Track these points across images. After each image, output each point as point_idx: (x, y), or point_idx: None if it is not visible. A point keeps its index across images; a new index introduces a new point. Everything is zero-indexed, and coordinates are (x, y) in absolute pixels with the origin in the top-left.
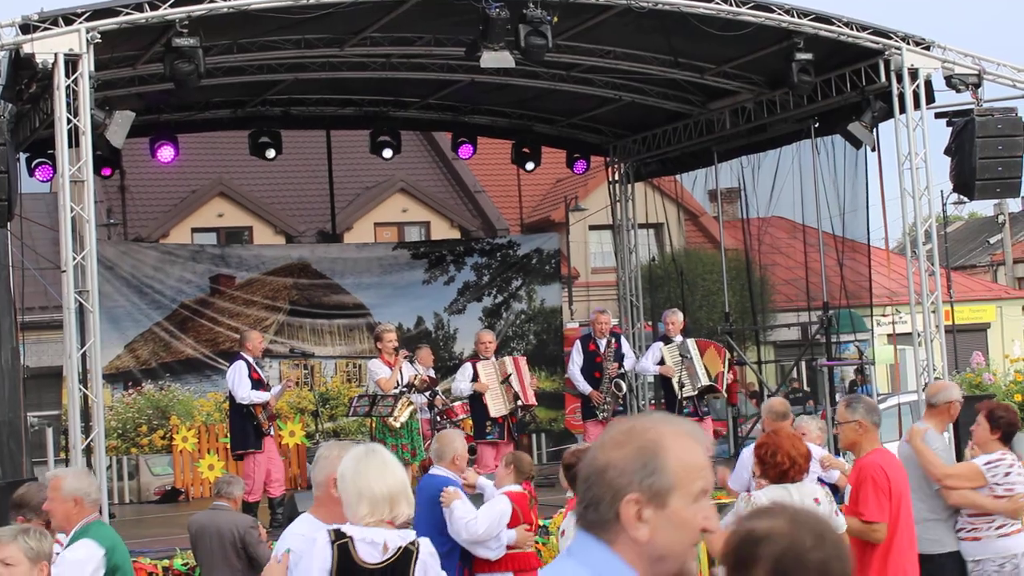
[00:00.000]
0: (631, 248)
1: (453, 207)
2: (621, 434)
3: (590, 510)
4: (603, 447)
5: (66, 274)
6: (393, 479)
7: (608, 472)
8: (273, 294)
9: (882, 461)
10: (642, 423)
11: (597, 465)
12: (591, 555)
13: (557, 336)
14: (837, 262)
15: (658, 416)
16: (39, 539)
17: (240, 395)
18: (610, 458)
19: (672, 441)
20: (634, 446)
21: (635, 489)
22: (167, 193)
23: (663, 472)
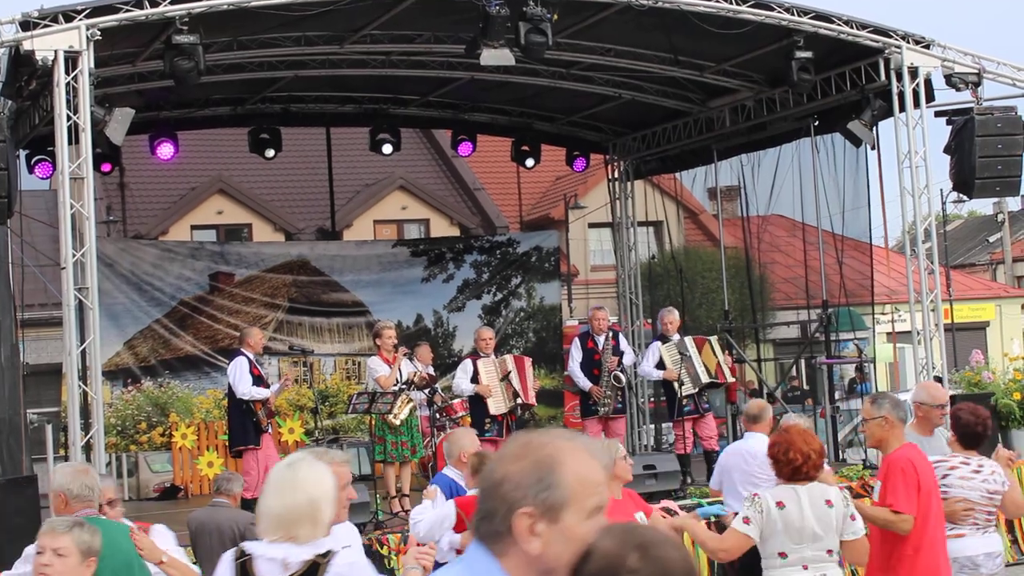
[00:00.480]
0: (630, 246)
1: (453, 205)
2: (519, 447)
3: (484, 522)
4: (501, 460)
5: (66, 271)
6: (295, 499)
7: (504, 485)
8: (272, 291)
9: (911, 456)
10: (540, 438)
11: (494, 478)
12: (476, 565)
13: (556, 334)
14: (836, 260)
15: (557, 431)
16: (92, 534)
17: (241, 391)
18: (507, 471)
19: (569, 456)
20: (531, 460)
21: (529, 503)
22: (166, 190)
23: (558, 487)
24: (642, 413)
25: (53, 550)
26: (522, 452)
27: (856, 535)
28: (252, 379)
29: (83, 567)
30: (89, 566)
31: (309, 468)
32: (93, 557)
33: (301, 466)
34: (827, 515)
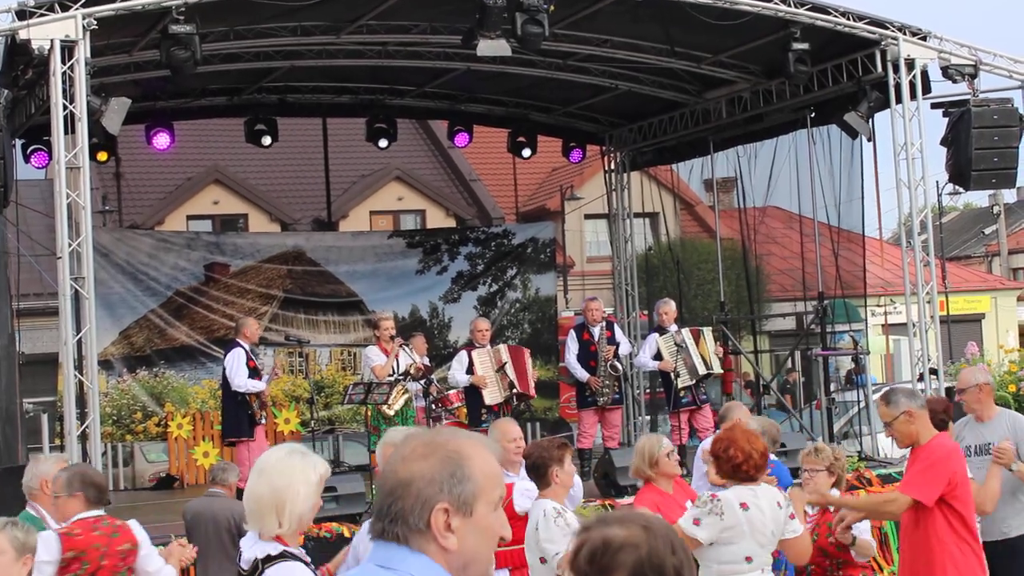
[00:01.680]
0: (627, 237)
1: (449, 196)
2: (422, 446)
3: (397, 523)
4: (404, 460)
5: (62, 260)
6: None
7: (414, 483)
8: (268, 282)
9: (947, 445)
10: (440, 436)
11: (401, 477)
12: (411, 565)
13: (552, 325)
14: (832, 252)
15: (451, 430)
16: (26, 532)
17: (237, 383)
18: (414, 470)
19: (473, 451)
20: (439, 457)
21: (444, 498)
22: (162, 180)
23: (469, 481)
24: (638, 404)
25: None
26: (428, 450)
27: (795, 533)
28: (248, 372)
29: (18, 565)
30: (25, 563)
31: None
32: (29, 554)
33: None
34: (779, 517)
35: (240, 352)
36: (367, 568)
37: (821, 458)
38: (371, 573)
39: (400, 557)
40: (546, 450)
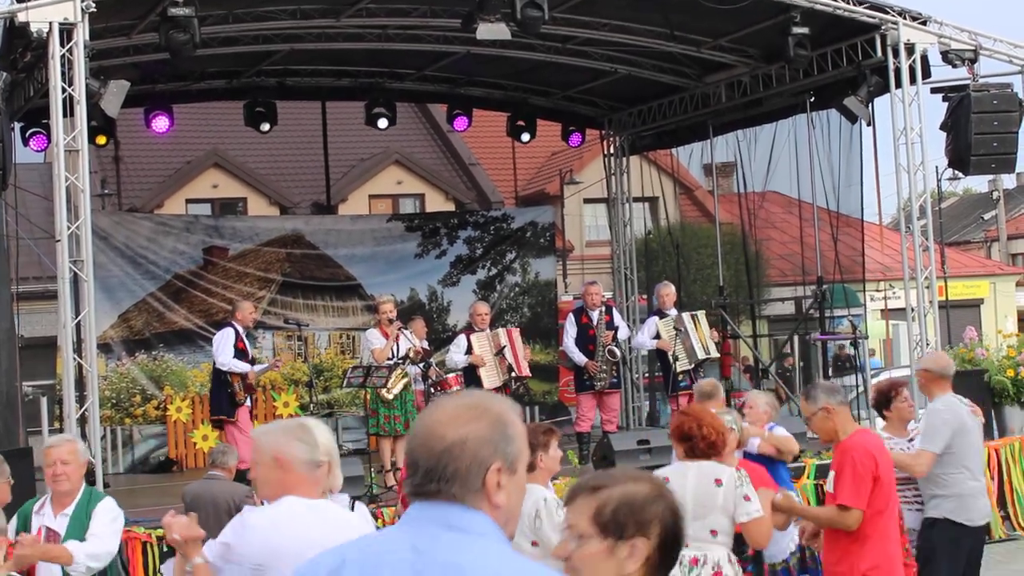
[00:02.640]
0: (626, 221)
1: (448, 179)
2: (469, 409)
3: (454, 483)
4: (452, 423)
5: (61, 243)
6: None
7: (468, 444)
8: (266, 266)
9: (867, 442)
10: (482, 398)
11: (453, 439)
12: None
13: (551, 309)
14: (831, 237)
15: (483, 393)
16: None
17: (220, 360)
18: (467, 432)
19: (512, 414)
20: (488, 419)
21: (498, 458)
22: (161, 164)
23: (514, 441)
24: (636, 388)
25: None
26: (475, 413)
27: (750, 516)
28: (235, 352)
29: None
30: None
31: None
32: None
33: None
34: (711, 494)
35: (230, 331)
36: (428, 529)
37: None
38: (436, 534)
39: (461, 515)
40: (532, 435)
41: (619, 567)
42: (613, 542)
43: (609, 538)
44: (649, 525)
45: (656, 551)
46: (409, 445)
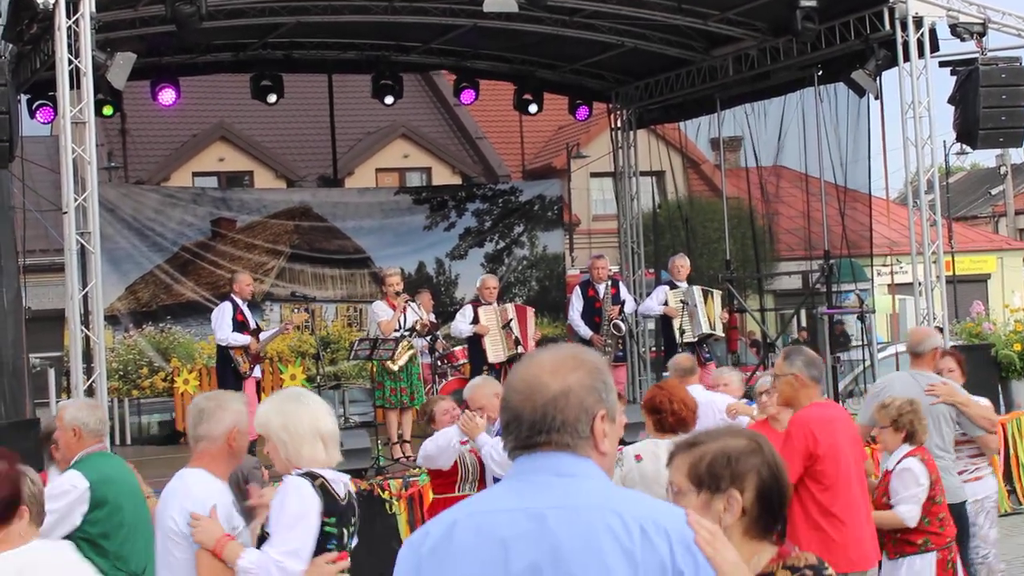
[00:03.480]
0: (633, 195)
1: (455, 153)
2: (567, 359)
3: (565, 432)
4: (554, 374)
5: (68, 215)
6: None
7: (573, 394)
8: (274, 238)
9: (812, 416)
10: (575, 349)
11: (557, 389)
12: (589, 469)
13: (559, 282)
14: (839, 211)
15: (574, 344)
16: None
17: (219, 336)
18: (571, 381)
19: (605, 364)
20: (587, 369)
21: (603, 406)
22: (168, 137)
23: (611, 390)
24: (643, 362)
25: None
26: (575, 363)
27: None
28: (234, 324)
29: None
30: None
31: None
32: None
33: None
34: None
35: (227, 306)
36: (539, 479)
37: (885, 414)
38: (548, 482)
39: (574, 463)
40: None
41: (718, 520)
42: (709, 495)
43: (704, 491)
44: (744, 478)
45: (754, 504)
46: (507, 401)
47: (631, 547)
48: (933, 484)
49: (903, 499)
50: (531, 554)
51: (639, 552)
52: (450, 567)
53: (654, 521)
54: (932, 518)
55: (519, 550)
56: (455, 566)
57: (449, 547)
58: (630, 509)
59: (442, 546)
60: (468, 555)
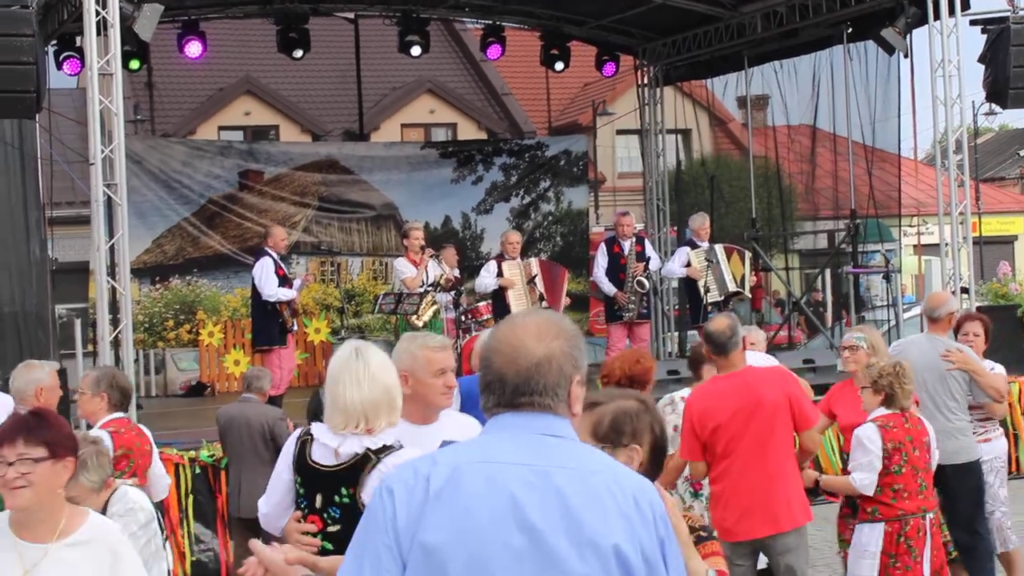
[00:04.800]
0: (659, 153)
1: (480, 109)
2: (551, 326)
3: (547, 395)
4: (537, 340)
5: (94, 167)
6: (371, 389)
7: (555, 359)
8: (301, 190)
9: (699, 394)
10: (552, 315)
11: (542, 355)
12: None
13: (583, 239)
14: (866, 171)
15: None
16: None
17: (267, 293)
18: (553, 348)
19: (578, 331)
20: (566, 336)
21: (579, 372)
22: (194, 91)
23: (585, 355)
24: (667, 319)
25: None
26: (554, 329)
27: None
28: (278, 280)
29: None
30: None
31: (374, 356)
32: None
33: (366, 354)
34: None
35: (268, 261)
36: (528, 437)
37: (867, 374)
38: (538, 442)
39: (553, 423)
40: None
41: None
42: (611, 450)
43: (607, 447)
44: (642, 434)
45: (648, 458)
46: (490, 362)
47: (628, 512)
48: (891, 453)
49: (856, 465)
50: (541, 509)
51: (634, 517)
52: (461, 512)
53: (641, 491)
54: (885, 488)
55: (530, 504)
56: (467, 512)
57: (458, 492)
58: (620, 475)
59: (449, 490)
60: (480, 503)
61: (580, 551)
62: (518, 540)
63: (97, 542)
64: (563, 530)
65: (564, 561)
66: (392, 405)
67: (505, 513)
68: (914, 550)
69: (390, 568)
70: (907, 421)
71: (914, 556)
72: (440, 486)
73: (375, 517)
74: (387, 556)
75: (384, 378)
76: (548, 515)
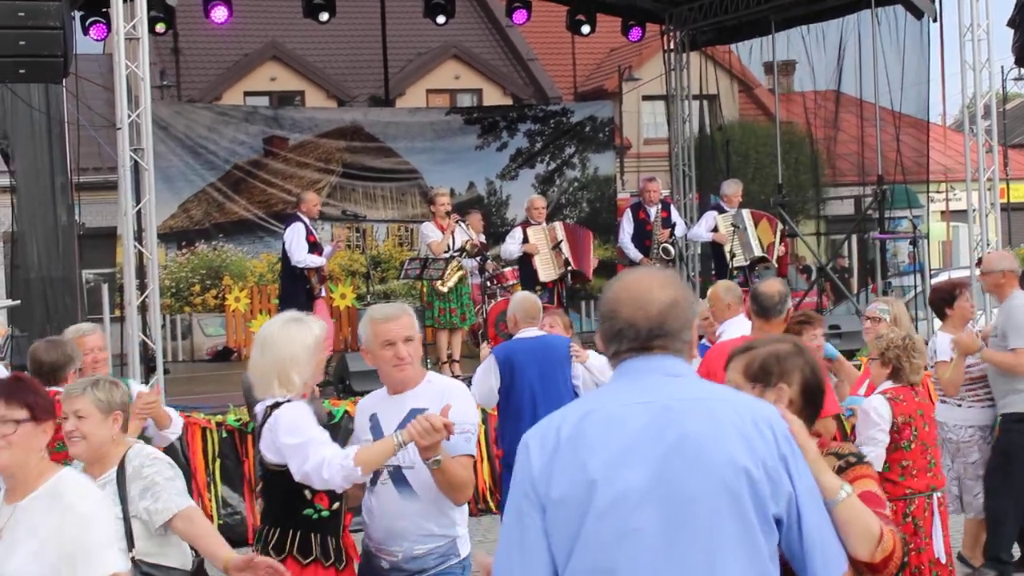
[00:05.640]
0: (684, 118)
1: (506, 75)
2: (665, 277)
3: (674, 338)
4: (660, 288)
5: (121, 131)
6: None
7: (679, 305)
8: (326, 156)
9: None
10: (661, 269)
11: (667, 301)
12: (690, 371)
13: (609, 205)
14: (894, 137)
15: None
16: (109, 390)
17: (296, 258)
18: (676, 295)
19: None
20: (682, 284)
21: (694, 317)
22: (220, 56)
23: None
24: (692, 285)
25: (73, 413)
26: (671, 279)
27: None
28: (308, 246)
29: (108, 422)
30: (116, 420)
31: (291, 328)
32: (117, 411)
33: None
34: None
35: (300, 226)
36: (654, 379)
37: (876, 345)
38: (661, 381)
39: (680, 365)
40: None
41: None
42: (761, 389)
43: (758, 386)
44: (791, 375)
45: (799, 397)
46: (617, 312)
47: (748, 432)
48: (901, 427)
49: (863, 439)
50: (661, 441)
51: (754, 437)
52: (586, 452)
53: (759, 413)
54: (894, 464)
55: (650, 438)
56: (592, 452)
57: (583, 436)
58: (739, 402)
59: (576, 435)
60: (602, 443)
61: (703, 476)
62: (643, 475)
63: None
64: (684, 459)
65: (687, 489)
66: (281, 376)
67: (628, 452)
68: (922, 529)
69: (531, 515)
70: (916, 395)
71: (923, 536)
72: (569, 433)
73: (516, 473)
74: (527, 505)
75: (277, 350)
76: (669, 449)
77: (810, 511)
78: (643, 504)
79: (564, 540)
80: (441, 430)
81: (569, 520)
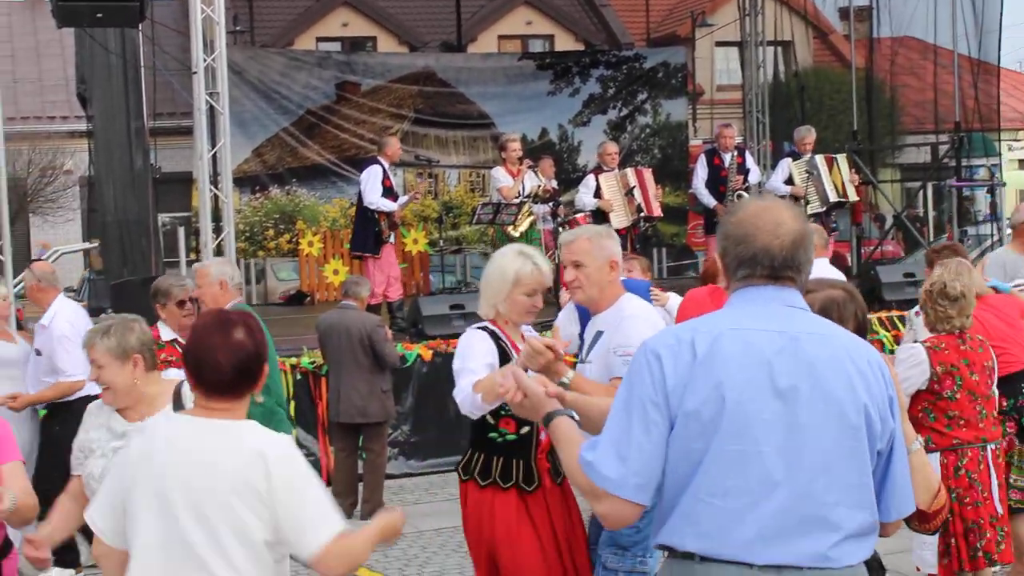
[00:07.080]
0: (759, 64)
1: (578, 20)
2: (792, 209)
3: (799, 271)
4: (792, 220)
5: (197, 75)
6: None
7: (808, 238)
8: (398, 102)
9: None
10: (788, 203)
11: (800, 232)
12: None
13: (681, 151)
14: (972, 84)
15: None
16: (120, 335)
17: (368, 199)
18: (805, 227)
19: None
20: (805, 217)
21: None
22: (292, 1)
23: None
24: None
25: (93, 363)
26: (799, 212)
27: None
28: (383, 190)
29: (127, 367)
30: (136, 363)
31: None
32: (136, 354)
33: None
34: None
35: (377, 169)
36: (779, 308)
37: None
38: (787, 312)
39: (798, 298)
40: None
41: None
42: None
43: None
44: (847, 320)
45: None
46: (753, 237)
47: (864, 371)
48: (941, 377)
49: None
50: (792, 370)
51: (870, 376)
52: (721, 372)
53: (873, 355)
54: (939, 414)
55: (782, 366)
56: (727, 372)
57: (719, 355)
58: (856, 342)
59: (712, 352)
60: (738, 364)
61: (827, 408)
62: (774, 403)
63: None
64: (812, 391)
65: (813, 419)
66: (483, 300)
67: (761, 376)
68: (978, 483)
69: (658, 422)
70: (963, 343)
71: (979, 490)
72: (705, 351)
73: (642, 378)
74: (655, 411)
75: (487, 269)
76: (799, 378)
77: (898, 452)
78: (770, 430)
79: (687, 454)
80: (544, 352)
81: (698, 435)
